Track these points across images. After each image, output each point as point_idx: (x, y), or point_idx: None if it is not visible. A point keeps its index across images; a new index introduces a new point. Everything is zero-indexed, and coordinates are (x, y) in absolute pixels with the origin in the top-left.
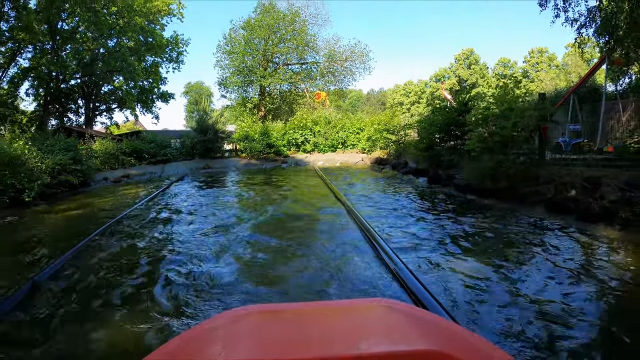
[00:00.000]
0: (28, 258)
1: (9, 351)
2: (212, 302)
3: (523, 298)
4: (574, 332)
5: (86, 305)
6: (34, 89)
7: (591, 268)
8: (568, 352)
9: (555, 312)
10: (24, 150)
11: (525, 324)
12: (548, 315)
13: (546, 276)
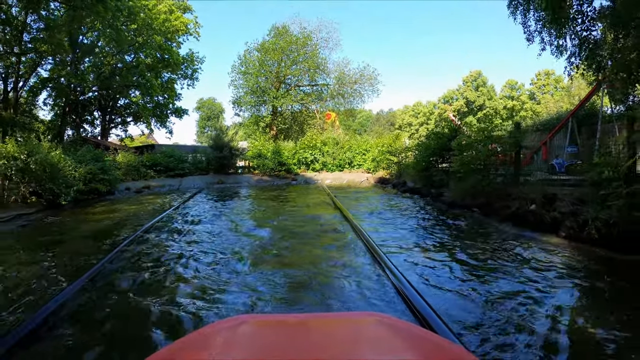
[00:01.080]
0: (89, 246)
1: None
2: (230, 278)
3: (462, 268)
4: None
5: (158, 277)
6: (51, 99)
7: (522, 262)
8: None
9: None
10: (59, 159)
11: (460, 284)
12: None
13: (480, 263)
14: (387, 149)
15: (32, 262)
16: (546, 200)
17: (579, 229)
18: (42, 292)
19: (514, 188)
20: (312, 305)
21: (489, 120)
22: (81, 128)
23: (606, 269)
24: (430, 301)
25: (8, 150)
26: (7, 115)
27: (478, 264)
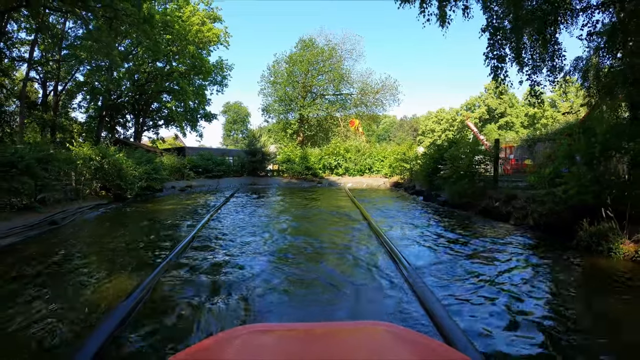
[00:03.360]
0: (174, 222)
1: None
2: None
3: (442, 242)
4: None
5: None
6: (86, 102)
7: (475, 237)
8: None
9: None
10: (123, 161)
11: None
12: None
13: (459, 236)
14: (401, 157)
15: (144, 231)
16: (507, 199)
17: (523, 219)
18: (162, 246)
19: (492, 191)
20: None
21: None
22: (114, 130)
23: (534, 242)
24: (404, 252)
25: (85, 153)
26: (48, 117)
27: (447, 236)
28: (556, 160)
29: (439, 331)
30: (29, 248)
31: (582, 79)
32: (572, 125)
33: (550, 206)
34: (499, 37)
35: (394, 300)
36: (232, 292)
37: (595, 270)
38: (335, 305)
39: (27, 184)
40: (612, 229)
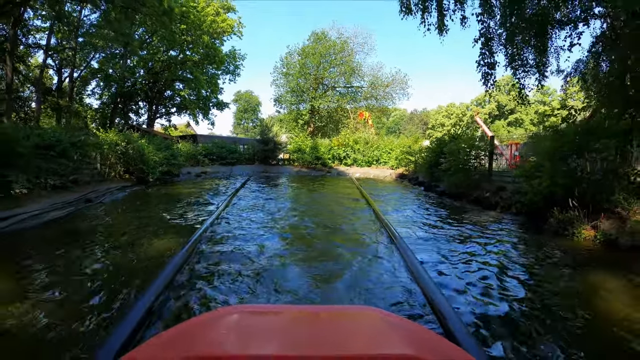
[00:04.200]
0: (198, 201)
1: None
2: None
3: (440, 227)
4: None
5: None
6: (100, 89)
7: (462, 221)
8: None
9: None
10: (144, 146)
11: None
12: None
13: (450, 221)
14: (406, 150)
15: (173, 208)
16: (496, 190)
17: (508, 208)
18: (193, 220)
19: (485, 183)
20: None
21: (464, 134)
22: (128, 116)
23: (513, 227)
24: (400, 231)
25: (111, 139)
26: (63, 102)
27: (440, 219)
28: (537, 156)
29: (415, 280)
30: (75, 220)
31: (582, 81)
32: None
33: (529, 197)
34: (490, 47)
35: (385, 261)
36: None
37: (559, 249)
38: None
39: (63, 165)
40: (576, 217)
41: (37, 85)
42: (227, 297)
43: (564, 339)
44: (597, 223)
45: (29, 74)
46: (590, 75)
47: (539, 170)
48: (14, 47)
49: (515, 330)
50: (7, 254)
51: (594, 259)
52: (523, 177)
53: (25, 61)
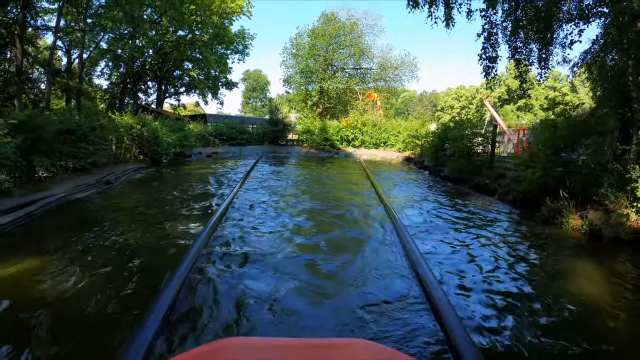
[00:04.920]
0: (213, 179)
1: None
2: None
3: (443, 210)
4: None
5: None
6: (109, 69)
7: (460, 205)
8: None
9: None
10: (158, 128)
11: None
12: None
13: (449, 205)
14: (413, 133)
15: (191, 187)
16: (496, 177)
17: (506, 195)
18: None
19: (487, 170)
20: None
21: (467, 121)
22: (137, 96)
23: (508, 213)
24: (403, 212)
25: (127, 121)
26: (73, 83)
27: (443, 204)
28: (534, 147)
29: (405, 252)
30: (100, 201)
31: (588, 72)
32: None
33: (524, 185)
34: (492, 41)
35: (380, 234)
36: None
37: (547, 235)
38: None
39: (83, 148)
40: (566, 207)
41: (47, 67)
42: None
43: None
44: (585, 213)
45: (38, 56)
46: (596, 68)
47: (534, 160)
48: (23, 29)
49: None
50: (46, 235)
51: (576, 246)
52: (520, 166)
53: (34, 43)
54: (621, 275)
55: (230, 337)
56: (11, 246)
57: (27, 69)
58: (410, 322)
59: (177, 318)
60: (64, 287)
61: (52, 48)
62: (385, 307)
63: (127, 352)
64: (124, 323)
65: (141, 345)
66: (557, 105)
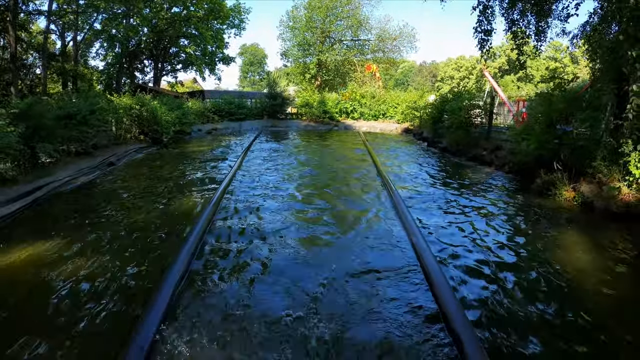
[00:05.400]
0: (215, 156)
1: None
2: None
3: (436, 180)
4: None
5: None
6: (104, 50)
7: (466, 175)
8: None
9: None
10: (157, 107)
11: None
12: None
13: (446, 176)
14: (412, 105)
15: (193, 165)
16: (493, 149)
17: (502, 166)
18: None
19: (484, 141)
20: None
21: (465, 93)
22: (133, 76)
23: (506, 184)
24: (400, 183)
25: (126, 103)
26: (69, 66)
27: (440, 175)
28: (530, 119)
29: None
30: (106, 183)
31: (587, 44)
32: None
33: (520, 157)
34: (487, 15)
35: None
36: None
37: (540, 207)
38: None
39: (84, 132)
40: (559, 179)
41: (41, 52)
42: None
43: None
44: (578, 186)
45: (32, 41)
46: (594, 41)
47: (529, 132)
48: (15, 15)
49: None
50: (56, 219)
51: (568, 218)
52: (516, 138)
53: (27, 28)
54: (609, 247)
55: None
56: (22, 232)
57: (22, 55)
58: (403, 287)
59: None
60: (82, 265)
61: (46, 32)
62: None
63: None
64: (142, 290)
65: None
66: (555, 78)
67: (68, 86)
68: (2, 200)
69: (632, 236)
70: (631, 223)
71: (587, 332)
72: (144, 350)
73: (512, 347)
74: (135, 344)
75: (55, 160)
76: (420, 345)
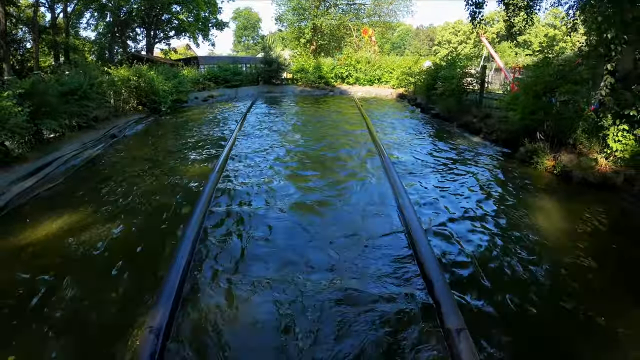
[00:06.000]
0: (215, 120)
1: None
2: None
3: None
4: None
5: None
6: (95, 20)
7: (454, 141)
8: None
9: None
10: (154, 77)
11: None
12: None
13: (435, 143)
14: (406, 70)
15: (195, 132)
16: (483, 117)
17: (490, 134)
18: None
19: (475, 109)
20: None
21: (460, 61)
22: (126, 45)
23: (492, 152)
24: (392, 149)
25: (123, 74)
26: (60, 39)
27: (430, 141)
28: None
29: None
30: (111, 155)
31: (582, 14)
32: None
33: (507, 126)
34: None
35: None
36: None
37: (522, 174)
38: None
39: (86, 106)
40: (541, 148)
41: (31, 25)
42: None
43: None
44: (559, 156)
45: (21, 15)
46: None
47: (515, 103)
48: None
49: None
50: (70, 192)
51: (546, 186)
52: (505, 107)
53: (16, 2)
54: (581, 215)
55: None
56: (44, 207)
57: (11, 30)
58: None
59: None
60: (110, 229)
61: (35, 5)
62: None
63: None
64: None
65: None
66: (542, 51)
67: (60, 59)
68: (15, 178)
69: (604, 205)
70: (606, 193)
71: (544, 274)
72: (178, 277)
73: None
74: (169, 282)
75: (59, 135)
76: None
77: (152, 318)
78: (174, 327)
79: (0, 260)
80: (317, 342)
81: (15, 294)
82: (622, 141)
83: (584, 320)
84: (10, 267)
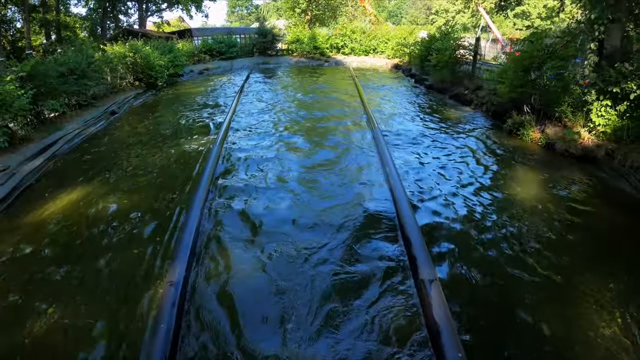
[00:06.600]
0: (214, 93)
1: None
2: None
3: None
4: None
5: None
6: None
7: (442, 113)
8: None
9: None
10: (149, 53)
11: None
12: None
13: (426, 113)
14: (401, 41)
15: (195, 106)
16: (475, 89)
17: (481, 106)
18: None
19: (468, 81)
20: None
21: (453, 33)
22: (118, 19)
23: (481, 123)
24: (385, 121)
25: (119, 51)
26: (50, 17)
27: (421, 112)
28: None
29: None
30: (114, 131)
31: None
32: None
33: (496, 99)
34: None
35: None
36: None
37: (507, 145)
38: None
39: (84, 84)
40: (528, 121)
41: (21, 4)
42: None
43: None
44: (544, 128)
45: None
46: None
47: (504, 76)
48: None
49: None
50: (79, 168)
51: (531, 156)
52: (496, 79)
53: None
54: (560, 183)
55: None
56: (55, 183)
57: (1, 11)
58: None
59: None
60: (122, 198)
61: None
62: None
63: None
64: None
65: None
66: (532, 30)
67: (51, 37)
68: (23, 158)
69: (584, 175)
70: (586, 164)
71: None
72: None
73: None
74: (183, 241)
75: (59, 114)
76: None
77: (171, 273)
78: (190, 280)
79: (31, 230)
80: (312, 289)
81: (60, 253)
82: (604, 116)
83: (543, 278)
84: (37, 238)
